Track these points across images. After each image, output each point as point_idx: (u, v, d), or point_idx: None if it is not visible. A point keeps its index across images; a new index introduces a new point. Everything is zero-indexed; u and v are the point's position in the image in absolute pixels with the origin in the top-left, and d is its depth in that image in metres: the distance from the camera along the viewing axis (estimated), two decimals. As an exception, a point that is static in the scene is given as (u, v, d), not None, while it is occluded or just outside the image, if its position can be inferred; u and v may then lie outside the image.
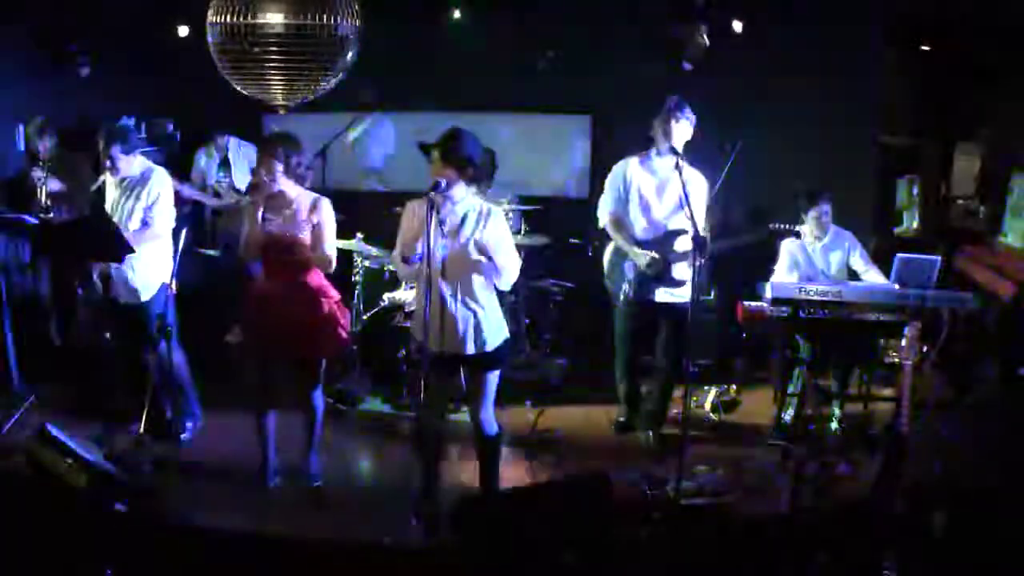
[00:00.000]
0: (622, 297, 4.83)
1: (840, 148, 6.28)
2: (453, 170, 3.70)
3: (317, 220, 4.11)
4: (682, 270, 4.76)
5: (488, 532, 3.33)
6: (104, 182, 4.67)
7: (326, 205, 4.16)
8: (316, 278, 4.18)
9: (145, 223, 4.59)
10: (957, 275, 5.95)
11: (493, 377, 3.90)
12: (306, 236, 4.10)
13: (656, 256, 4.71)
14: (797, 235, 5.13)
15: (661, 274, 4.74)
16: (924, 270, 4.82)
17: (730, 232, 5.84)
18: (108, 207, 4.65)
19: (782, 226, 4.80)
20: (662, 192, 4.79)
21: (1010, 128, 6.48)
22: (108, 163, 4.55)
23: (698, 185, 4.75)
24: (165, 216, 4.57)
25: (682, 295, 4.74)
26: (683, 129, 4.66)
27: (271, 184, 4.05)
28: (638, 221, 4.81)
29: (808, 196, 5.12)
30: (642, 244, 4.78)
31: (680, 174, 4.28)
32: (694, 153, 4.69)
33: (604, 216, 4.88)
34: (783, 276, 5.36)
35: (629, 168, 4.82)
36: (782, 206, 5.59)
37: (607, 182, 4.90)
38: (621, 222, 4.83)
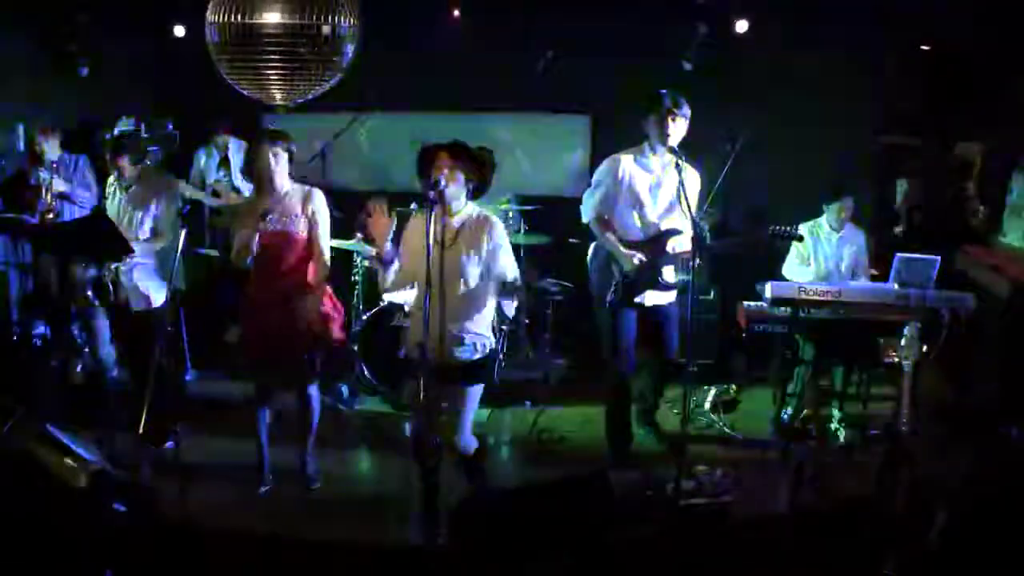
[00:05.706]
0: (608, 300, 4.54)
1: (840, 148, 6.28)
2: (461, 173, 3.61)
3: (312, 211, 4.08)
4: (672, 272, 4.55)
5: (488, 533, 3.32)
6: (113, 188, 4.69)
7: (319, 196, 4.11)
8: (310, 275, 4.15)
9: (155, 233, 4.62)
10: (957, 275, 5.95)
11: (475, 391, 3.70)
12: (301, 230, 4.07)
13: (644, 259, 4.47)
14: (799, 238, 4.85)
15: (651, 277, 4.50)
16: (924, 270, 4.82)
17: (729, 233, 5.83)
18: (114, 212, 4.66)
19: (782, 228, 4.70)
20: (656, 191, 4.54)
21: (1010, 128, 6.48)
22: (116, 172, 4.58)
23: (693, 181, 4.53)
24: (174, 224, 4.57)
25: (669, 297, 4.60)
26: (680, 127, 4.42)
27: (276, 178, 4.02)
28: (629, 220, 4.56)
29: (834, 190, 5.29)
30: (631, 245, 4.52)
31: (679, 173, 4.26)
32: (691, 150, 4.66)
33: (589, 212, 4.60)
34: (793, 268, 5.37)
35: (622, 164, 4.52)
36: (782, 206, 5.58)
37: (596, 177, 4.63)
38: (609, 220, 4.58)
